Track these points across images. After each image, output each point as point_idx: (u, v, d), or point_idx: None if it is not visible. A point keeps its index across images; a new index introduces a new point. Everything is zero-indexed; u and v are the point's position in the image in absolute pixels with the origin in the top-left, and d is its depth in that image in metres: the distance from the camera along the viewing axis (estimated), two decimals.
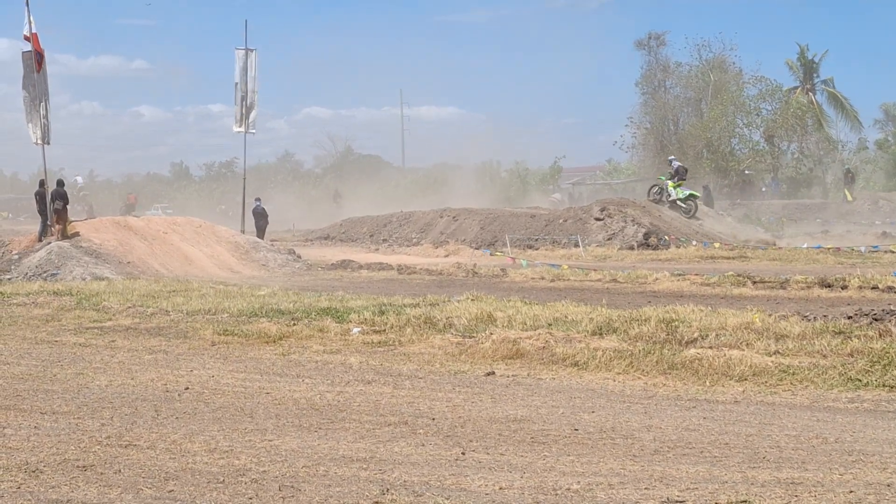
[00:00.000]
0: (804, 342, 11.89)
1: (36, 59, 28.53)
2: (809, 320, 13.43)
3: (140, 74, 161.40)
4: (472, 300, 16.68)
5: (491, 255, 34.33)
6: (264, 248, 31.02)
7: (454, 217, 42.35)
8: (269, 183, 79.27)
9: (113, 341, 14.22)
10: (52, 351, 13.33)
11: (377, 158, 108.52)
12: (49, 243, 27.13)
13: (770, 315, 13.82)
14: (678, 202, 40.53)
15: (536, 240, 37.43)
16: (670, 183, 41.00)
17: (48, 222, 28.57)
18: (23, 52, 29.19)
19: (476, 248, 36.54)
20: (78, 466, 7.27)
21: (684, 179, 41.62)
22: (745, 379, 10.70)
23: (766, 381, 10.60)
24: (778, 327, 12.79)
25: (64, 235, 28.06)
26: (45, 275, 25.14)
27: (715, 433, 8.39)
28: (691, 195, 40.90)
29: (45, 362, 12.26)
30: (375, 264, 28.70)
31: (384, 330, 14.17)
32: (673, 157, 46.36)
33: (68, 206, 29.61)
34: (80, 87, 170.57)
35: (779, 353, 11.54)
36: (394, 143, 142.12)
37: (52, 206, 28.42)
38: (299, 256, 31.27)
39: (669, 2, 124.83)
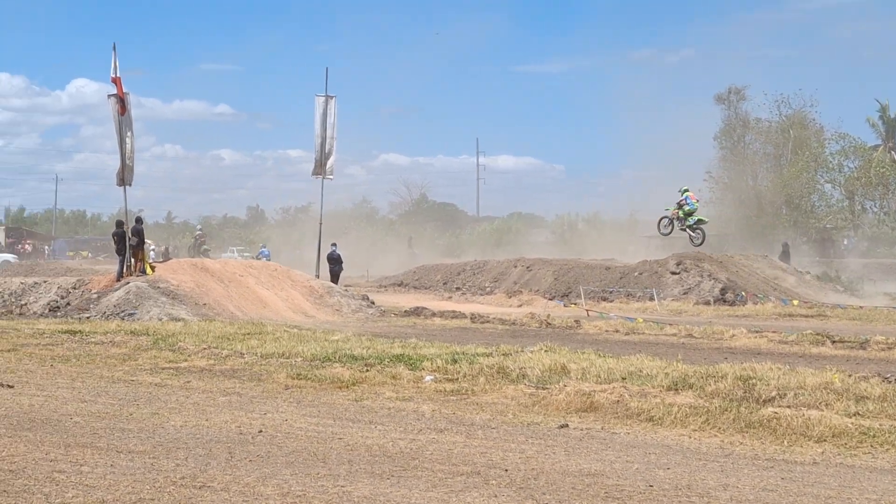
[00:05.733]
0: (885, 404, 11.64)
1: (119, 102, 29.20)
2: (890, 382, 13.13)
3: (223, 119, 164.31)
4: (545, 351, 16.58)
5: (564, 306, 34.19)
6: (338, 294, 31.21)
7: (528, 267, 42.29)
8: (344, 228, 79.87)
9: (188, 382, 14.33)
10: (128, 390, 13.47)
11: (452, 207, 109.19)
12: (127, 283, 27.53)
13: (850, 375, 13.56)
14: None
15: (611, 292, 37.20)
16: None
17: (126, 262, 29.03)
18: (108, 96, 29.93)
19: (549, 299, 36.42)
20: None
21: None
22: (825, 440, 10.47)
23: (845, 443, 10.36)
24: (858, 388, 12.54)
25: (140, 271, 28.50)
26: (122, 314, 25.51)
27: (793, 494, 8.21)
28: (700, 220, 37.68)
29: (122, 401, 12.39)
30: (448, 312, 28.73)
31: (457, 378, 14.12)
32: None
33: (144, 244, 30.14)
34: (164, 131, 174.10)
35: (859, 414, 11.29)
36: (469, 191, 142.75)
37: (128, 242, 28.90)
38: (373, 302, 31.42)
39: (749, 57, 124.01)
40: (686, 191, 37.44)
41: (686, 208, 36.45)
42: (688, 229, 36.47)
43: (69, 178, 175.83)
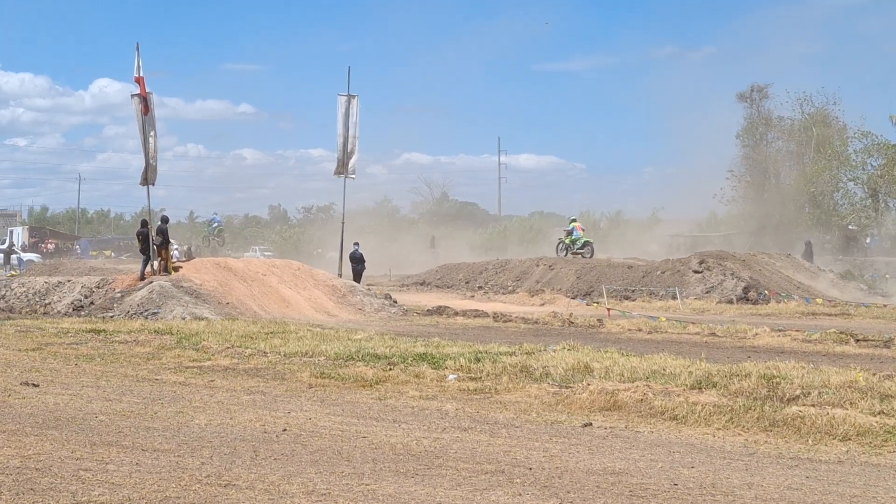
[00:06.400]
0: None
1: (142, 102, 29.34)
2: None
3: (245, 118, 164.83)
4: (568, 350, 16.58)
5: (587, 304, 34.14)
6: (361, 293, 31.24)
7: (550, 266, 42.24)
8: (366, 228, 79.96)
9: (212, 381, 14.38)
10: (152, 389, 13.53)
11: (474, 206, 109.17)
12: (151, 282, 27.64)
13: (874, 374, 13.52)
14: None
15: (633, 291, 37.12)
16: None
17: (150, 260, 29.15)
18: (131, 95, 30.08)
19: (572, 298, 36.37)
20: None
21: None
22: (849, 438, 10.43)
23: (870, 442, 10.32)
24: (882, 387, 12.49)
25: (164, 270, 28.62)
26: (146, 313, 25.61)
27: (818, 493, 8.19)
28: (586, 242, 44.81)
29: (146, 400, 12.45)
30: (471, 311, 28.73)
31: (480, 377, 14.13)
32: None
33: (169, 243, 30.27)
34: (186, 130, 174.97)
35: (883, 413, 11.24)
36: (491, 190, 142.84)
37: (152, 241, 29.04)
38: (395, 301, 31.44)
39: (772, 54, 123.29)
40: (574, 221, 45.72)
41: (573, 237, 44.43)
42: (577, 252, 43.95)
43: (92, 178, 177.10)
